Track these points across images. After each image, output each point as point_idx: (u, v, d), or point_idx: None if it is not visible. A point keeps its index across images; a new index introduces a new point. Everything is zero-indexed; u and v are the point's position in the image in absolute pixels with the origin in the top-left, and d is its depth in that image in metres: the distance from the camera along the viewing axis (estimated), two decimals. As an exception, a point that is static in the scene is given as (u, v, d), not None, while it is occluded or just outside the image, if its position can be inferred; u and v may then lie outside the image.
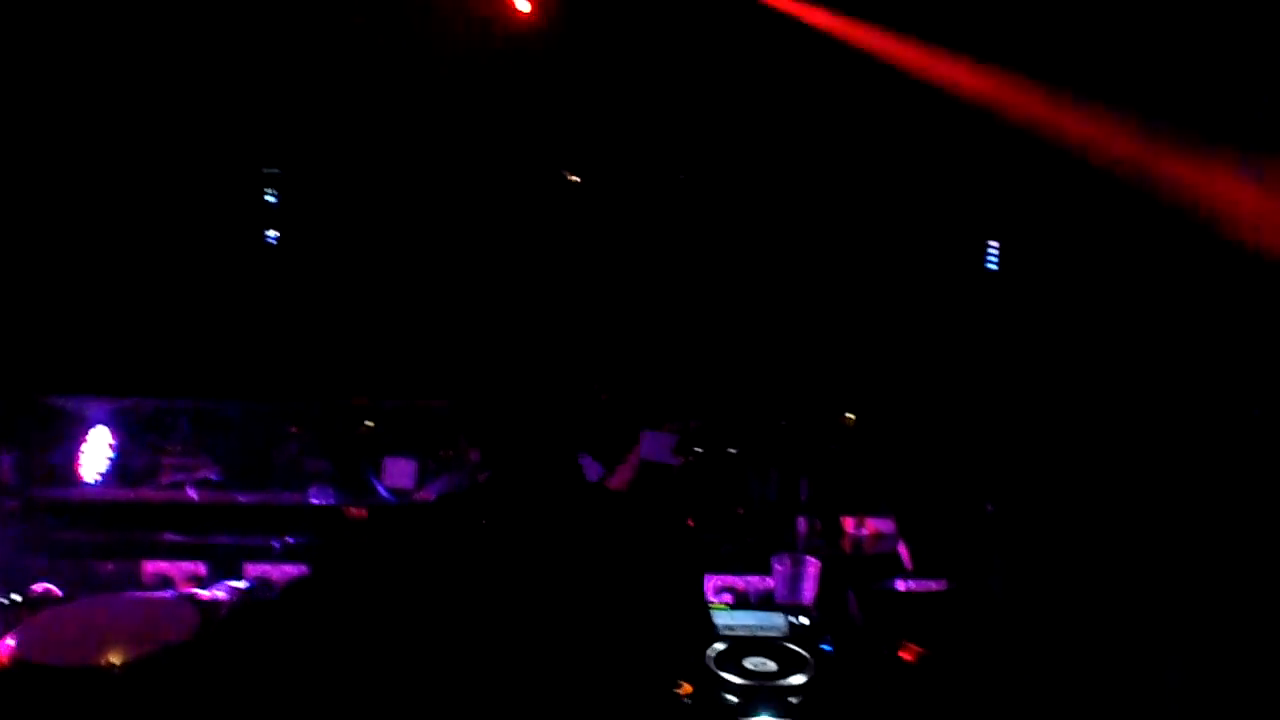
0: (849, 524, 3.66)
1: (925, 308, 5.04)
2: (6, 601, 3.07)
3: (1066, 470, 3.17)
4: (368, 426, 3.87)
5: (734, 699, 2.73)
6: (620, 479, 3.42)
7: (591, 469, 3.39)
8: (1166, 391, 3.75)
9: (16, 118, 4.30)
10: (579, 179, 5.21)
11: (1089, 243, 4.95)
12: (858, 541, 3.64)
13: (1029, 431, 3.50)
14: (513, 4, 4.88)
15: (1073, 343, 4.48)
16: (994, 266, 5.56)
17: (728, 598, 3.43)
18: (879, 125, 5.20)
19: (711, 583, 3.46)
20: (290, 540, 3.54)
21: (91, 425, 3.65)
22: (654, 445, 3.60)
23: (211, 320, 4.26)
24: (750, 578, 3.46)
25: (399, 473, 3.59)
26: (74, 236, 4.32)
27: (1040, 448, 3.37)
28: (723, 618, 3.11)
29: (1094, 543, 2.76)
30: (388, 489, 3.63)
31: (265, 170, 4.99)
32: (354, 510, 3.43)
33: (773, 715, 2.71)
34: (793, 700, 2.76)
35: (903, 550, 3.32)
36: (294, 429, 3.89)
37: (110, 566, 3.49)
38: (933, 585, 3.24)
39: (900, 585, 3.30)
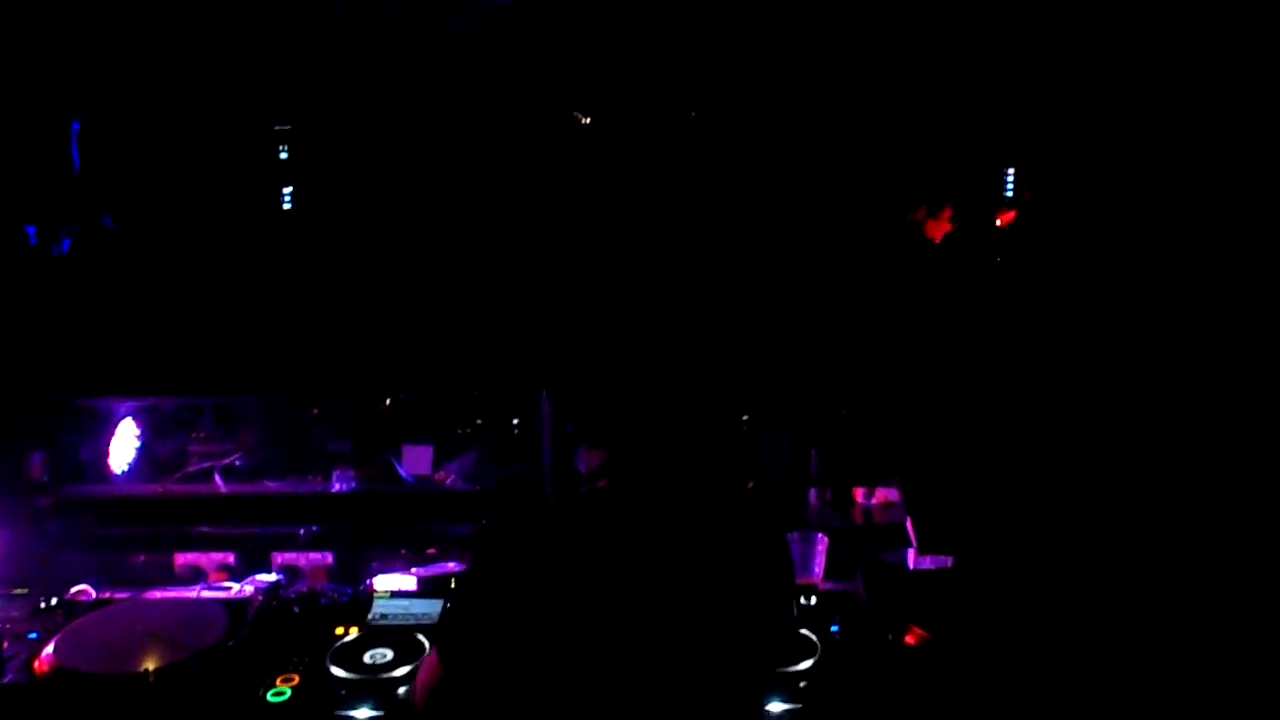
0: (859, 494, 3.71)
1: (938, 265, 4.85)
2: (44, 606, 3.20)
3: (1072, 448, 3.14)
4: (386, 405, 3.94)
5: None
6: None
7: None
8: (1198, 371, 3.37)
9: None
10: (589, 119, 5.13)
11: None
12: (868, 511, 3.70)
13: (1044, 401, 3.43)
14: None
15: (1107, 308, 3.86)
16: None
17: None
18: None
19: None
20: (315, 529, 3.66)
21: (118, 420, 3.72)
22: None
23: (230, 315, 4.28)
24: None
25: (417, 460, 3.72)
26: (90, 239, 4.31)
27: (1053, 420, 3.32)
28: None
29: (1092, 531, 2.78)
30: (409, 474, 3.74)
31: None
32: None
33: (782, 700, 2.80)
34: (801, 685, 2.85)
35: (909, 527, 3.37)
36: (315, 411, 3.96)
37: (142, 559, 3.62)
38: (939, 563, 3.30)
39: (910, 560, 3.36)
